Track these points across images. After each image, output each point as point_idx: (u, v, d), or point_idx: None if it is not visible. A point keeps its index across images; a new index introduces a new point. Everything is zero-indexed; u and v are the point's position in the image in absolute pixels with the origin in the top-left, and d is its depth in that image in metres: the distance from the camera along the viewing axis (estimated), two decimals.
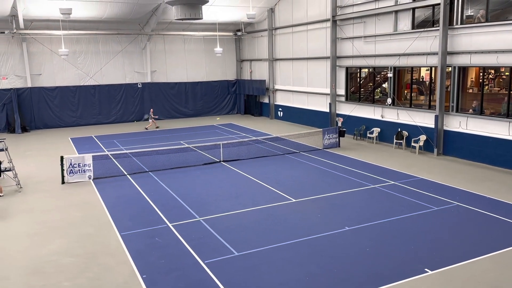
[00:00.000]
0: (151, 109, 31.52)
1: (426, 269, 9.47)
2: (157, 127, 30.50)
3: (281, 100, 32.96)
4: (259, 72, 35.33)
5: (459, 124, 19.60)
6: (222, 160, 19.97)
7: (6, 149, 17.24)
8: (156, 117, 31.53)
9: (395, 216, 12.69)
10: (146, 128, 30.35)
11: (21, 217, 13.49)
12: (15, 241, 11.63)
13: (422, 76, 23.02)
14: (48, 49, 31.02)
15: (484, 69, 18.98)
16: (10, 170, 16.87)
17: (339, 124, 25.77)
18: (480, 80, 19.26)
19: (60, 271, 9.86)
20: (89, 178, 17.41)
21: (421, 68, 22.26)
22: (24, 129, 30.28)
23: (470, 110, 19.39)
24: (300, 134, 23.48)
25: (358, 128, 24.85)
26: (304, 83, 29.90)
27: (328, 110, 27.30)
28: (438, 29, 19.54)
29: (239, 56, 37.88)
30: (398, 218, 12.50)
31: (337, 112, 26.84)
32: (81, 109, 32.42)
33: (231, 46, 37.47)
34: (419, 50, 20.96)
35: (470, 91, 20.14)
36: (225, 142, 21.05)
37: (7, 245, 11.41)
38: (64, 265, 10.18)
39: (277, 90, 33.26)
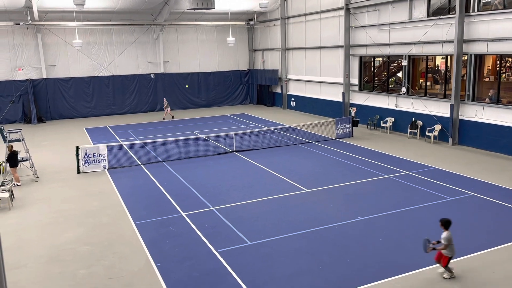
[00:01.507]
0: (164, 99, 31.59)
1: None
2: (165, 118, 30.51)
3: (294, 90, 32.81)
4: (272, 61, 35.17)
5: (475, 113, 19.31)
6: (235, 150, 20.02)
7: (23, 139, 17.56)
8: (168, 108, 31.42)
9: (409, 206, 12.62)
10: (165, 118, 30.40)
11: (38, 206, 13.75)
12: (33, 230, 11.87)
13: (438, 64, 22.67)
14: (63, 40, 31.28)
15: (501, 57, 18.61)
16: (27, 160, 17.19)
17: (353, 114, 25.60)
18: (497, 69, 18.91)
19: (76, 259, 10.05)
20: (104, 168, 17.63)
21: (437, 56, 21.92)
22: (40, 120, 30.73)
23: (487, 99, 19.08)
24: (313, 124, 23.39)
25: (372, 117, 24.65)
26: (317, 72, 29.68)
27: (341, 100, 27.11)
28: (454, 17, 19.19)
29: (251, 45, 37.72)
30: (412, 208, 12.43)
31: (351, 101, 26.62)
32: (95, 100, 32.72)
33: (243, 36, 37.32)
34: (434, 38, 20.63)
35: (487, 79, 19.79)
36: (238, 132, 21.08)
37: (25, 234, 11.66)
38: (80, 253, 10.37)
39: (289, 79, 33.10)
